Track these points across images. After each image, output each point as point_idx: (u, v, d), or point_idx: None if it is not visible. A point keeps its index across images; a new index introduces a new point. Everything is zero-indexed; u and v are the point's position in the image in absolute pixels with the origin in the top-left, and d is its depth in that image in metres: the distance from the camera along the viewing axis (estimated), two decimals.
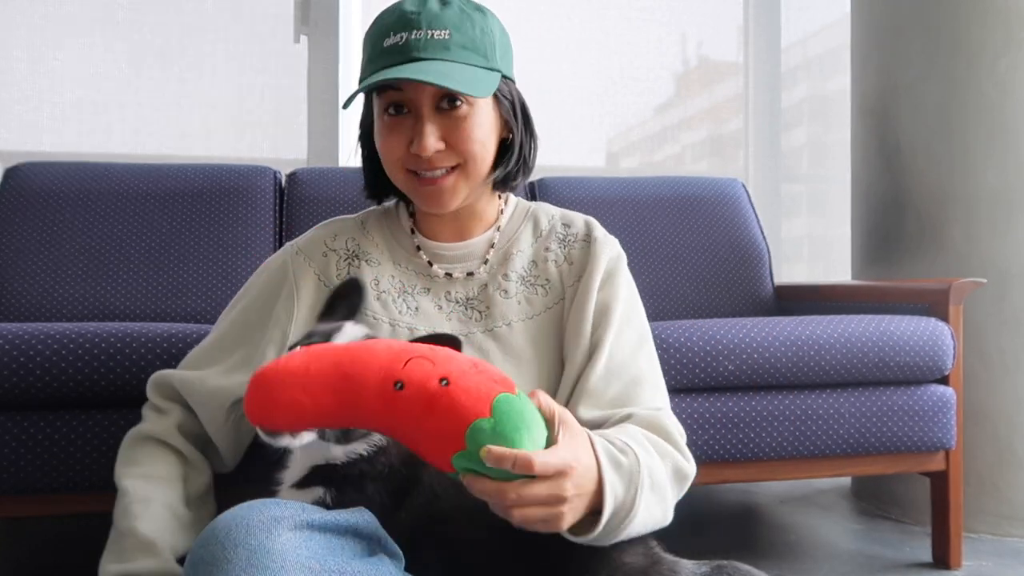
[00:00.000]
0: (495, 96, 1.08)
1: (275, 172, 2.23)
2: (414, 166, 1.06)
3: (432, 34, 1.02)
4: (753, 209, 2.41)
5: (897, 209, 2.19)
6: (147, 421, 1.14)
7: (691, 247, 2.29)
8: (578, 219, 1.22)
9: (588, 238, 1.18)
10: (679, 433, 1.05)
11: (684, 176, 2.47)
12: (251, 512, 0.76)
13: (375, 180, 1.18)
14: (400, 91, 1.04)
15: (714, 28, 3.27)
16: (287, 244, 1.21)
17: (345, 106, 1.04)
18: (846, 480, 2.46)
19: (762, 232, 2.38)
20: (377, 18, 1.07)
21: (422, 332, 1.08)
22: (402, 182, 1.10)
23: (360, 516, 0.82)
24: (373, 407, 0.78)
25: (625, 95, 3.16)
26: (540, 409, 0.80)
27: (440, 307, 1.13)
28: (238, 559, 0.72)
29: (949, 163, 2.06)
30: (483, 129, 1.07)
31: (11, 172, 2.10)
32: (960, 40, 2.04)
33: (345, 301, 1.03)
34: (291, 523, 0.76)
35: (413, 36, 1.02)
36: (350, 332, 0.93)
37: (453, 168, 1.07)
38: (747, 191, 2.45)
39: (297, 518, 0.77)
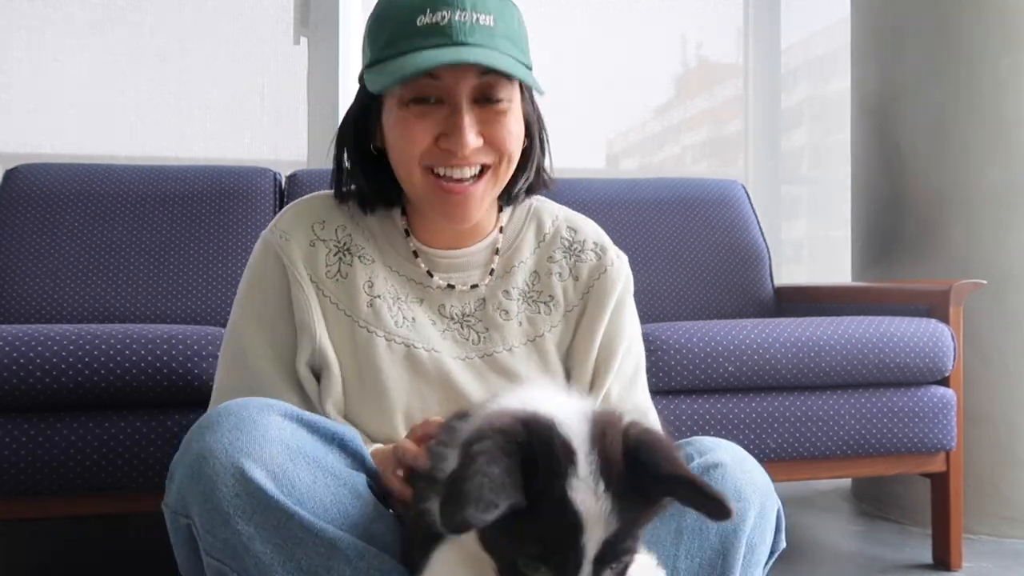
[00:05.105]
0: (522, 99, 1.00)
1: (275, 173, 2.22)
2: (441, 162, 0.95)
3: (478, 18, 0.91)
4: (753, 210, 2.41)
5: (897, 210, 2.19)
6: None
7: (691, 249, 2.29)
8: (587, 227, 1.13)
9: (598, 253, 1.11)
10: None
11: (684, 178, 2.47)
12: (251, 399, 0.85)
13: (367, 184, 1.04)
14: (435, 79, 0.92)
15: (714, 30, 3.27)
16: (264, 232, 1.05)
17: (375, 90, 0.94)
18: (846, 481, 2.46)
19: (762, 233, 2.38)
20: None
21: (420, 350, 1.01)
22: (419, 184, 0.97)
23: (347, 430, 0.87)
24: None
25: (625, 96, 3.16)
26: None
27: (434, 322, 1.04)
28: (228, 423, 0.80)
29: (949, 163, 2.06)
30: (520, 127, 0.99)
31: (11, 174, 2.09)
32: (960, 40, 2.04)
33: None
34: (283, 411, 0.83)
35: (456, 17, 0.90)
36: None
37: (483, 172, 0.97)
38: (747, 193, 2.45)
39: (290, 412, 0.84)
